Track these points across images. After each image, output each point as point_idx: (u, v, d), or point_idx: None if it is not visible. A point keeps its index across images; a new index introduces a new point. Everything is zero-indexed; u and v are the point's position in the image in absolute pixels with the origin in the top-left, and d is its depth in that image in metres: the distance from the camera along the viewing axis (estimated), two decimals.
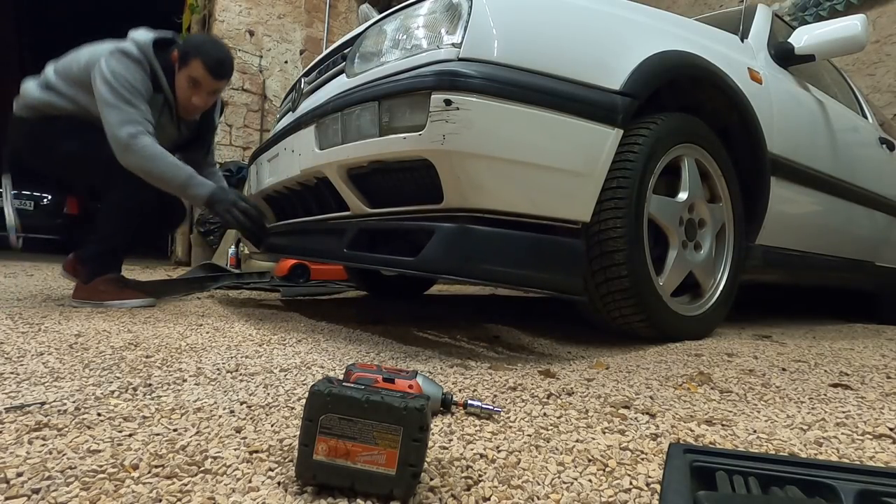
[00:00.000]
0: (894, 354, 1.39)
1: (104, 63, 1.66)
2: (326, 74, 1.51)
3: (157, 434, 0.65)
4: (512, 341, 1.44)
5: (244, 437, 0.65)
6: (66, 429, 0.66)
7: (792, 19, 4.38)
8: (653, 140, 1.31)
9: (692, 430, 0.72)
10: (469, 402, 0.77)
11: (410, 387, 0.72)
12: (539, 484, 0.55)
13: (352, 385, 0.54)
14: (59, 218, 7.20)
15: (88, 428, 0.67)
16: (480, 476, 0.56)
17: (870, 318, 2.66)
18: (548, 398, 0.87)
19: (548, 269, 1.14)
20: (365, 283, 2.71)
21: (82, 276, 1.83)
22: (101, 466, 0.55)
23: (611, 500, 0.52)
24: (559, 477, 0.57)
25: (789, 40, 1.94)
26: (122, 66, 1.66)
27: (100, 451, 0.59)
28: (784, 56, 1.92)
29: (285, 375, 0.97)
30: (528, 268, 1.12)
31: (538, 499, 0.52)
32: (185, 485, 0.52)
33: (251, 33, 5.68)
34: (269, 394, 0.84)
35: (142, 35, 1.76)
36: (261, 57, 5.95)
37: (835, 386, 1.01)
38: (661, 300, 1.34)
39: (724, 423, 0.76)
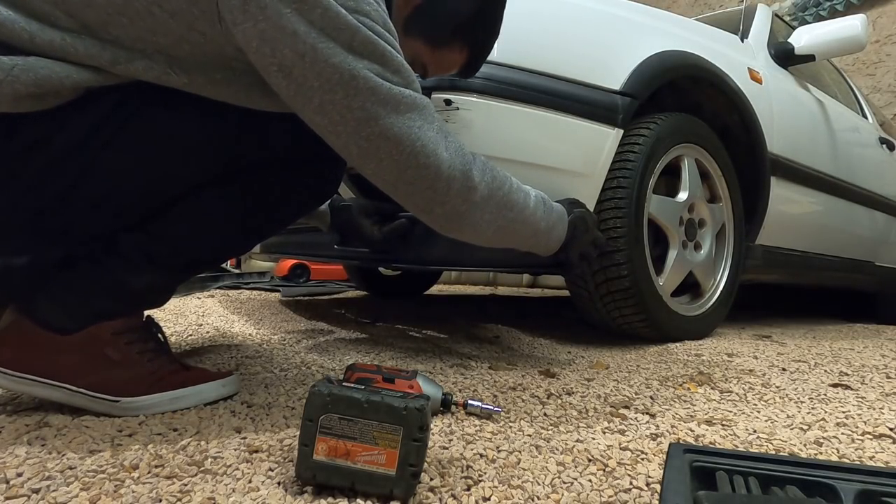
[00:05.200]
0: (894, 354, 1.39)
1: None
2: None
3: (157, 434, 0.65)
4: (512, 341, 1.44)
5: (244, 437, 0.65)
6: (66, 429, 0.66)
7: (792, 19, 4.38)
8: (653, 140, 1.31)
9: (692, 430, 0.72)
10: (469, 402, 0.77)
11: (410, 387, 0.72)
12: (539, 484, 0.55)
13: (352, 385, 0.54)
14: None
15: (88, 428, 0.67)
16: (480, 476, 0.56)
17: (870, 318, 2.66)
18: (548, 398, 0.87)
19: None
20: (365, 283, 2.71)
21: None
22: (101, 466, 0.55)
23: (611, 500, 0.52)
24: (559, 477, 0.57)
25: (789, 40, 1.94)
26: None
27: (100, 451, 0.59)
28: (784, 56, 1.92)
29: (285, 375, 0.97)
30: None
31: (538, 499, 0.52)
32: (185, 485, 0.52)
33: None
34: (269, 394, 0.84)
35: None
36: None
37: (835, 386, 1.01)
38: (661, 300, 1.34)
39: (724, 423, 0.76)
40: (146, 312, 0.81)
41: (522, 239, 0.85)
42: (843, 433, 0.73)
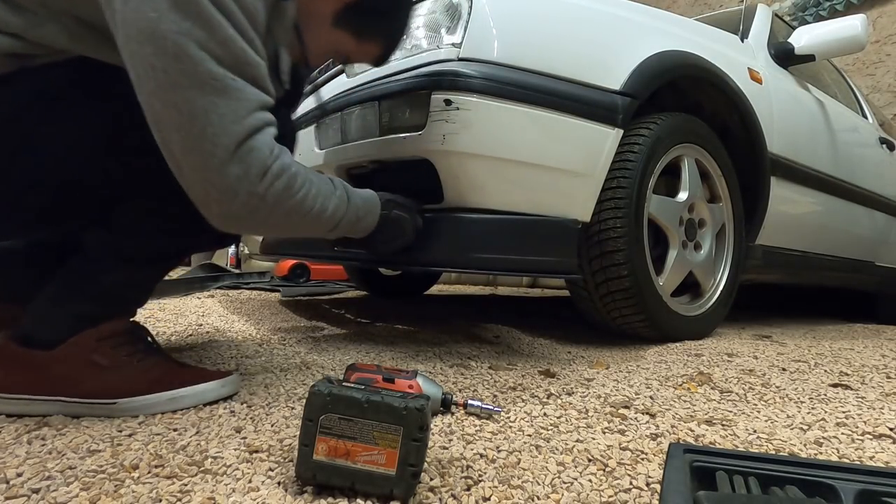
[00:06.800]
0: (894, 354, 1.39)
1: None
2: (326, 74, 1.51)
3: (157, 434, 0.65)
4: (512, 341, 1.44)
5: (244, 437, 0.65)
6: (66, 429, 0.66)
7: (792, 19, 4.38)
8: (653, 140, 1.31)
9: (692, 430, 0.72)
10: (469, 402, 0.77)
11: (410, 387, 0.72)
12: (539, 484, 0.55)
13: (352, 385, 0.54)
14: None
15: (88, 428, 0.67)
16: (480, 476, 0.56)
17: (870, 318, 2.66)
18: (548, 398, 0.87)
19: (539, 251, 1.13)
20: (365, 283, 2.71)
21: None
22: (101, 466, 0.55)
23: (611, 499, 0.52)
24: (559, 477, 0.57)
25: (789, 40, 1.93)
26: None
27: (100, 451, 0.59)
28: (784, 56, 1.91)
29: (285, 375, 0.97)
30: (520, 252, 1.11)
31: (538, 499, 0.52)
32: (185, 485, 0.52)
33: None
34: (269, 394, 0.84)
35: None
36: None
37: (835, 386, 1.01)
38: (661, 300, 1.34)
39: (724, 423, 0.76)
40: (133, 318, 0.81)
41: (317, 234, 0.83)
42: (843, 433, 0.73)
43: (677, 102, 1.50)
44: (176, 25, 0.57)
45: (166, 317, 1.65)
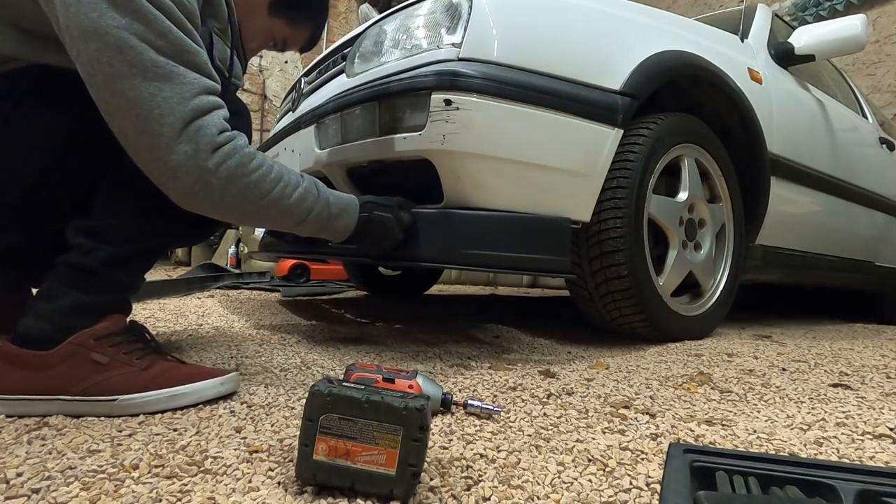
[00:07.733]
0: (894, 354, 1.39)
1: None
2: (326, 74, 1.51)
3: (157, 434, 0.65)
4: (512, 341, 1.44)
5: (244, 437, 0.65)
6: (66, 429, 0.66)
7: (792, 19, 4.39)
8: (653, 140, 1.31)
9: (692, 430, 0.72)
10: (469, 402, 0.77)
11: (410, 387, 0.72)
12: (539, 484, 0.55)
13: (352, 385, 0.54)
14: None
15: (88, 428, 0.67)
16: (480, 476, 0.56)
17: (870, 318, 2.66)
18: (548, 398, 0.87)
19: (534, 249, 1.13)
20: (365, 283, 2.71)
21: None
22: (101, 466, 0.55)
23: (611, 500, 0.52)
24: (559, 477, 0.57)
25: (789, 40, 1.93)
26: None
27: (100, 451, 0.59)
28: (784, 56, 1.92)
29: (285, 375, 0.97)
30: (513, 249, 1.10)
31: (538, 499, 0.52)
32: (185, 485, 0.52)
33: None
34: (269, 394, 0.84)
35: None
36: (261, 57, 5.93)
37: (835, 386, 1.01)
38: (661, 300, 1.34)
39: (724, 423, 0.76)
40: (131, 317, 0.82)
41: (286, 226, 0.84)
42: (843, 433, 0.73)
43: (677, 102, 1.50)
44: (116, 21, 0.62)
45: (166, 317, 1.65)
